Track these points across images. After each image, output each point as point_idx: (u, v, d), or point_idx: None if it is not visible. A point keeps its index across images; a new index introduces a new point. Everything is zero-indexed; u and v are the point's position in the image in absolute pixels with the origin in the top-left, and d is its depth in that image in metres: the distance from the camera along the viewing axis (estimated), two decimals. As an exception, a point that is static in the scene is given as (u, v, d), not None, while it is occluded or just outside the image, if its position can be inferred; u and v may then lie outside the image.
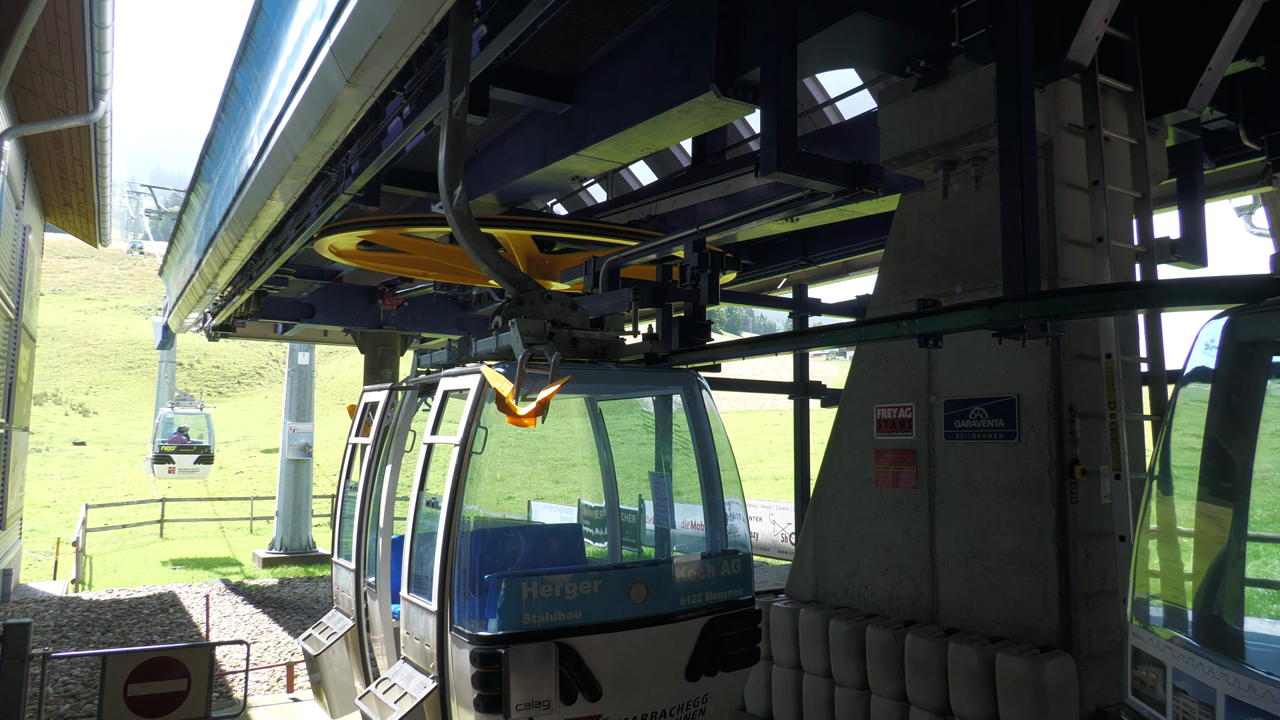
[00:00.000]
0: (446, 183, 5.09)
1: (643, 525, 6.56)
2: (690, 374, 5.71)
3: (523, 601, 4.38)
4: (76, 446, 44.34)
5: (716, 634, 4.83)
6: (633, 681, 4.55)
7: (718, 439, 5.59)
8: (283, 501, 21.01)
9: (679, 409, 5.73)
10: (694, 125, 6.44)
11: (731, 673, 4.92)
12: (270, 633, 11.71)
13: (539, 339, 4.96)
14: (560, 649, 4.35)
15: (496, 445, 4.98)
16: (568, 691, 4.34)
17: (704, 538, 5.61)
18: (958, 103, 5.22)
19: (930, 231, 5.83)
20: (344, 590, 5.95)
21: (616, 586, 4.64)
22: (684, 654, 4.73)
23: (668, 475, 6.23)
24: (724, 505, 5.56)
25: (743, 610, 4.96)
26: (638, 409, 6.64)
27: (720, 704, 4.97)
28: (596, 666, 4.44)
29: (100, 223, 16.04)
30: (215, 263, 10.49)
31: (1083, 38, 4.75)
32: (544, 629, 4.36)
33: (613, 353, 5.49)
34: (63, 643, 10.86)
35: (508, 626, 4.32)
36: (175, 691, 6.50)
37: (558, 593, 4.45)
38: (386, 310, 15.07)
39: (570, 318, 5.34)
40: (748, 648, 4.99)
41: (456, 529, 4.51)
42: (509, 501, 9.60)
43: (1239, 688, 2.36)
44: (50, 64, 9.56)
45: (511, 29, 4.65)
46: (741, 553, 5.21)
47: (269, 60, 6.49)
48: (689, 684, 4.73)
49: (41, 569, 19.98)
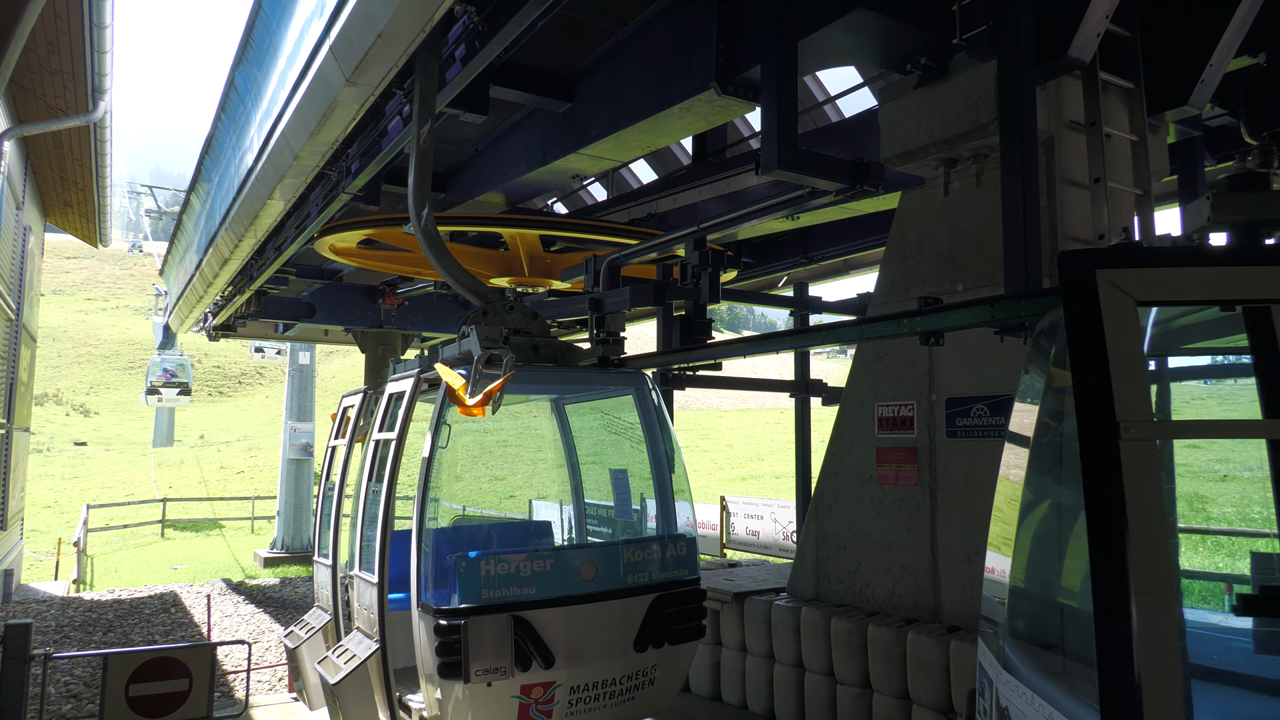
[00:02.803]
0: (415, 205, 5.60)
1: (594, 514, 7.18)
2: (640, 375, 6.17)
3: (481, 578, 4.80)
4: (77, 447, 44.36)
5: (662, 610, 5.24)
6: (584, 651, 4.98)
7: (666, 433, 6.07)
8: (284, 501, 21.03)
9: (631, 408, 6.22)
10: (694, 123, 6.43)
11: (678, 646, 5.39)
12: (271, 632, 11.71)
13: (495, 343, 5.47)
14: (515, 621, 4.78)
15: (458, 445, 5.61)
16: (523, 659, 4.77)
17: (657, 523, 6.10)
18: (958, 100, 5.21)
19: (931, 229, 5.82)
20: (322, 586, 6.23)
21: (568, 565, 5.10)
22: (632, 627, 5.17)
23: (624, 469, 6.76)
24: (672, 494, 6.00)
25: (688, 589, 5.41)
26: (598, 409, 7.20)
27: (667, 675, 5.41)
28: (550, 637, 4.87)
29: (100, 223, 16.04)
30: (215, 262, 10.48)
31: (1084, 34, 4.74)
32: (501, 603, 4.79)
33: (570, 358, 5.96)
34: (64, 643, 10.87)
35: (467, 600, 4.74)
36: (177, 691, 6.50)
37: (513, 570, 4.89)
38: (387, 309, 15.06)
39: (531, 326, 5.85)
40: (693, 623, 5.41)
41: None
42: (510, 500, 9.98)
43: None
44: (50, 64, 9.56)
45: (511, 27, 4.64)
46: (687, 536, 5.65)
47: (269, 60, 6.48)
48: (637, 655, 5.17)
49: (43, 569, 19.99)
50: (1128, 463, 1.88)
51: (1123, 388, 1.93)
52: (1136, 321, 1.95)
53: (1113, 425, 1.90)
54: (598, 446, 7.39)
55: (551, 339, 5.92)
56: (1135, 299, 1.95)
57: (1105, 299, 1.96)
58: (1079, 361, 1.97)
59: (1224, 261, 2.07)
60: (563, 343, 5.99)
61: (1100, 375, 1.94)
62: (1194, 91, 5.15)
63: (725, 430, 43.50)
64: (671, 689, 5.52)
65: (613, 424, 6.92)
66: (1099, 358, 1.94)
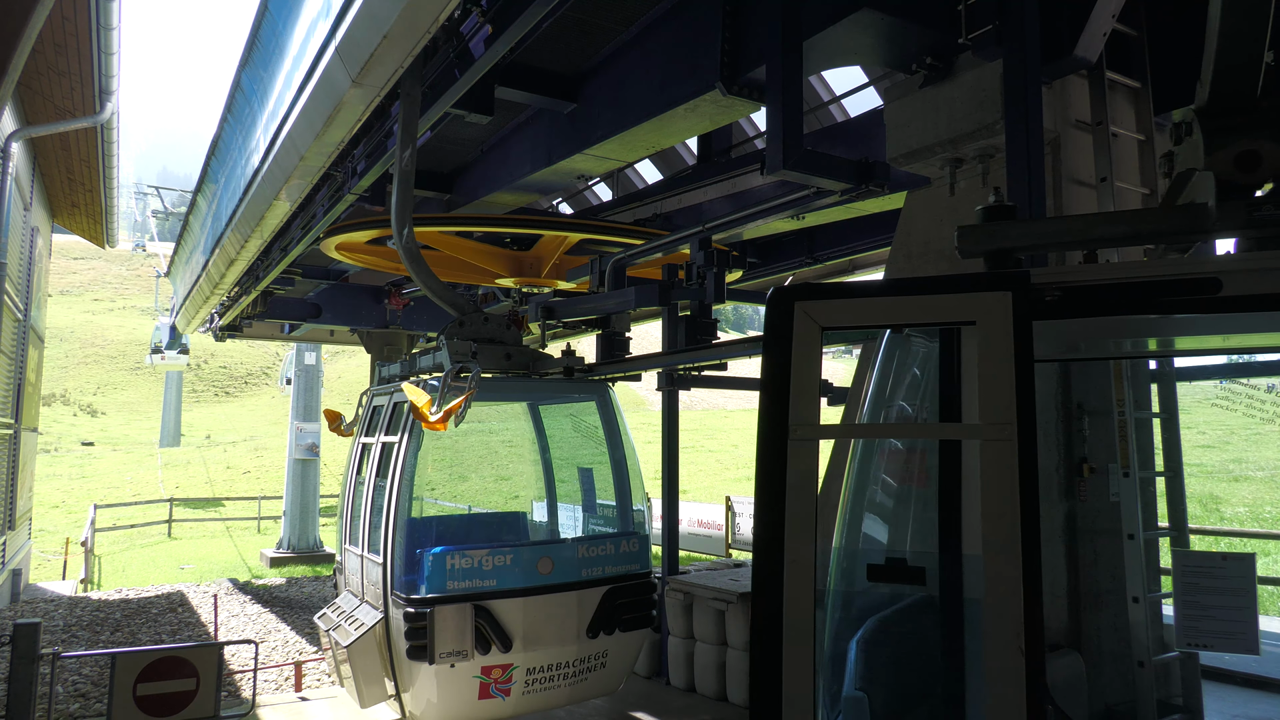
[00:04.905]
0: (397, 223, 6.05)
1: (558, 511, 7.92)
2: (603, 384, 6.69)
3: (446, 571, 5.37)
4: (85, 447, 44.52)
5: (614, 600, 5.80)
6: (540, 637, 5.56)
7: (624, 438, 6.59)
8: (290, 501, 21.06)
9: (594, 413, 6.83)
10: (699, 123, 6.43)
11: (628, 633, 5.91)
12: (278, 632, 11.74)
13: (464, 357, 5.95)
14: (477, 609, 5.35)
15: (431, 447, 6.19)
16: (483, 643, 5.34)
17: (615, 521, 6.71)
18: (964, 99, 5.19)
19: (937, 229, 5.81)
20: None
21: (526, 559, 5.68)
22: (586, 616, 5.76)
23: (588, 469, 7.49)
24: (629, 493, 6.53)
25: (639, 582, 5.97)
26: (569, 414, 8.01)
27: (618, 659, 5.99)
28: (508, 624, 5.45)
29: (107, 223, 16.09)
30: (222, 263, 10.51)
31: (1090, 33, 4.73)
32: (464, 593, 5.37)
33: (540, 366, 6.43)
34: (72, 642, 10.91)
35: (434, 590, 5.33)
36: (184, 691, 6.52)
37: (476, 564, 5.46)
38: (393, 310, 15.08)
39: (505, 336, 6.35)
40: (642, 613, 5.96)
41: (391, 503, 5.65)
42: (484, 494, 10.68)
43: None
44: (57, 65, 9.60)
45: (515, 28, 4.65)
46: (640, 534, 6.16)
47: (274, 61, 6.50)
48: (589, 640, 5.76)
49: (51, 569, 20.09)
50: (791, 458, 2.28)
51: (796, 398, 2.31)
52: (819, 343, 2.34)
53: (784, 428, 2.29)
54: (567, 447, 8.06)
55: (523, 348, 6.42)
56: (820, 325, 2.34)
57: (798, 325, 2.34)
58: (769, 374, 2.35)
59: (882, 294, 2.51)
60: (534, 351, 6.46)
61: (783, 386, 2.32)
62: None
63: (730, 430, 43.47)
64: (622, 672, 6.05)
65: (579, 425, 7.66)
66: (785, 372, 2.32)
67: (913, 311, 2.39)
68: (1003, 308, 2.18)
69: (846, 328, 2.46)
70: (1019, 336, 2.15)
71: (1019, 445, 2.10)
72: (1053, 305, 2.20)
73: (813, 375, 2.33)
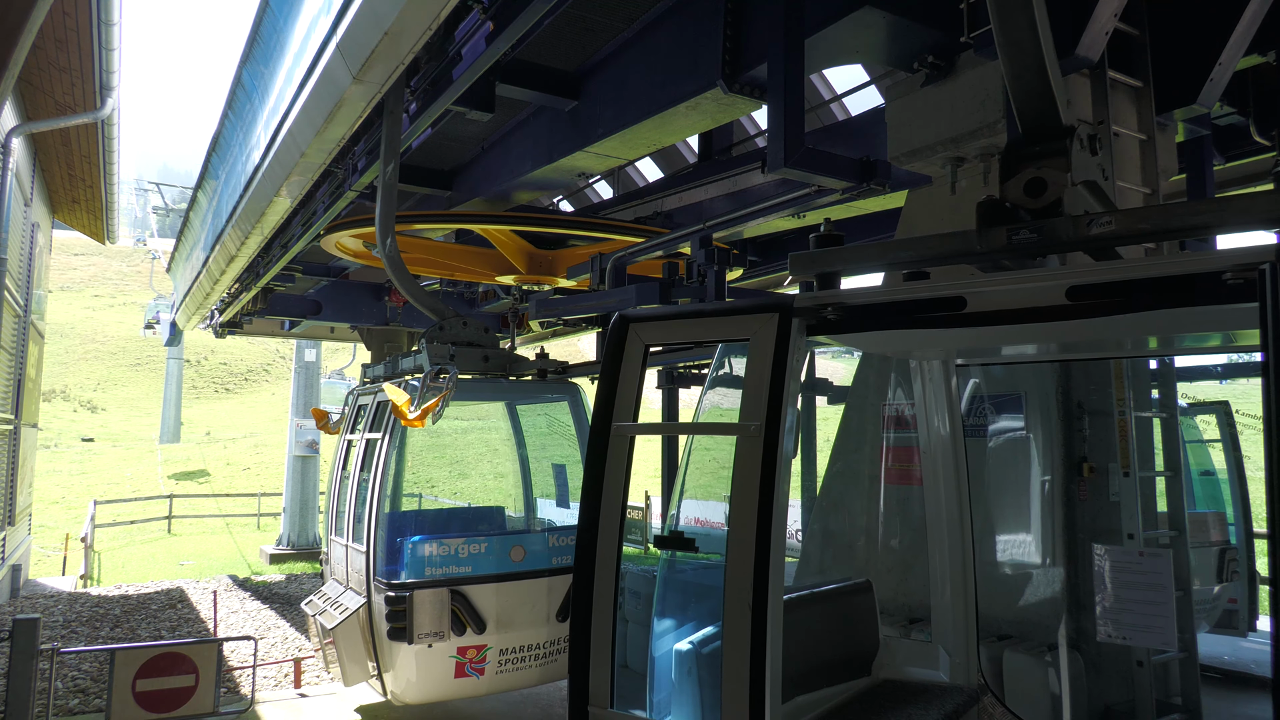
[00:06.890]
0: (380, 233, 6.36)
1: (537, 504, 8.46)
2: (574, 385, 7.13)
3: (424, 558, 5.79)
4: (85, 443, 44.51)
5: None
6: (512, 620, 5.98)
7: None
8: (290, 498, 21.07)
9: (567, 413, 7.36)
10: (700, 121, 6.42)
11: None
12: (278, 628, 11.75)
13: (443, 360, 6.29)
14: (453, 593, 5.76)
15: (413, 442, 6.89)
16: (459, 625, 5.75)
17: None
18: (966, 98, 5.19)
19: (938, 228, 5.80)
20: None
21: (499, 548, 6.10)
22: (556, 600, 6.18)
23: (561, 465, 8.10)
24: None
25: None
26: (544, 414, 8.53)
27: None
28: (483, 607, 5.85)
29: (108, 219, 16.09)
30: (222, 259, 10.51)
31: (1092, 33, 4.71)
32: (441, 579, 5.80)
33: (516, 367, 6.81)
34: (72, 638, 10.92)
35: (413, 576, 5.77)
36: (183, 687, 6.53)
37: (452, 552, 5.89)
38: (393, 307, 15.07)
39: (483, 339, 6.73)
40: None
41: (374, 496, 6.07)
42: (463, 484, 11.03)
43: None
44: (58, 61, 9.59)
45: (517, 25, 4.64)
46: None
47: (276, 57, 6.49)
48: (559, 624, 6.16)
49: (50, 564, 20.09)
50: (611, 448, 2.90)
51: (620, 400, 2.92)
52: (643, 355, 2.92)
53: (608, 424, 2.90)
54: (542, 444, 8.65)
55: (500, 351, 6.87)
56: (644, 342, 2.94)
57: (629, 341, 2.94)
58: (604, 379, 2.94)
59: (689, 316, 3.13)
60: (509, 354, 6.88)
61: (611, 389, 2.92)
62: (1203, 90, 5.13)
63: (730, 429, 43.38)
64: None
65: (553, 424, 8.22)
66: (614, 378, 2.92)
67: (710, 330, 3.01)
68: (769, 327, 2.61)
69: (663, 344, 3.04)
70: (778, 351, 2.57)
71: (764, 441, 2.54)
72: (833, 322, 2.59)
73: (634, 380, 2.93)
